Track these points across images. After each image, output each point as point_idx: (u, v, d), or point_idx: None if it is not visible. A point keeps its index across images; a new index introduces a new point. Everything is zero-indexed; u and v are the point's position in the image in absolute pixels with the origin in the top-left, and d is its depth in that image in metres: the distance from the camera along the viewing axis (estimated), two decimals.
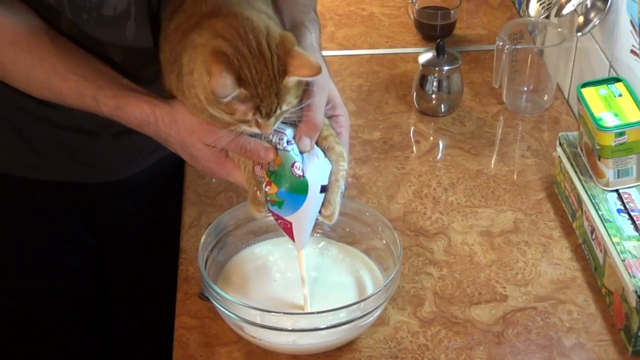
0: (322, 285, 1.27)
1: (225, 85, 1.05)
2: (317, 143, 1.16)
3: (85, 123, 1.35)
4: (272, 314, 1.15)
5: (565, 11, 1.58)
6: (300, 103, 1.13)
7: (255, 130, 1.11)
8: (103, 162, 1.43)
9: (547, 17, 1.72)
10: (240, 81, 1.06)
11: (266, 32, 1.09)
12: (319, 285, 1.27)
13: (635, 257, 1.21)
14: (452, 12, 1.89)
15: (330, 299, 1.23)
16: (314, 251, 1.32)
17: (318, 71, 1.08)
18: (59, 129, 1.36)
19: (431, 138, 1.63)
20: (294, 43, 1.10)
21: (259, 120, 1.09)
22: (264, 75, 1.07)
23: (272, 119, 1.10)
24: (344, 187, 1.18)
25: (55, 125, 1.35)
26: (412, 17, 1.92)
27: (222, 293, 1.17)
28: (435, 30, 1.89)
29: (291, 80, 1.09)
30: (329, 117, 1.20)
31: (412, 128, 1.66)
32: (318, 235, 1.33)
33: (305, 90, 1.13)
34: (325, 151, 1.16)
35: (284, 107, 1.10)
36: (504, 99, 1.70)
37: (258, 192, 1.15)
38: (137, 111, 1.18)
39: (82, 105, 1.22)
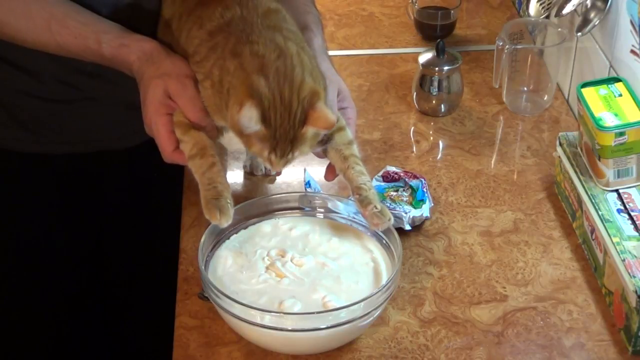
0: (337, 264, 1.26)
1: (251, 118, 1.13)
2: None
3: (50, 91, 1.38)
4: (272, 313, 1.15)
5: (565, 11, 1.58)
6: None
7: (267, 165, 1.21)
8: (69, 132, 1.45)
9: (547, 17, 1.72)
10: (264, 120, 1.14)
11: (299, 85, 1.17)
12: (333, 264, 1.26)
13: (635, 257, 1.21)
14: (452, 12, 1.89)
15: (346, 279, 1.23)
16: (321, 236, 1.31)
17: (332, 125, 1.17)
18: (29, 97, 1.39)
19: (431, 138, 1.63)
20: (320, 99, 1.18)
21: (272, 159, 1.19)
22: (285, 121, 1.16)
23: (284, 161, 1.19)
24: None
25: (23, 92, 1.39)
26: (412, 17, 1.92)
27: (223, 293, 1.17)
28: (435, 30, 1.89)
29: (310, 131, 1.17)
30: (338, 109, 1.28)
31: (412, 128, 1.66)
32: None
33: None
34: (334, 133, 1.26)
35: (296, 154, 1.19)
36: (504, 99, 1.70)
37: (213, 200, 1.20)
38: (144, 44, 1.25)
39: (82, 49, 1.26)
